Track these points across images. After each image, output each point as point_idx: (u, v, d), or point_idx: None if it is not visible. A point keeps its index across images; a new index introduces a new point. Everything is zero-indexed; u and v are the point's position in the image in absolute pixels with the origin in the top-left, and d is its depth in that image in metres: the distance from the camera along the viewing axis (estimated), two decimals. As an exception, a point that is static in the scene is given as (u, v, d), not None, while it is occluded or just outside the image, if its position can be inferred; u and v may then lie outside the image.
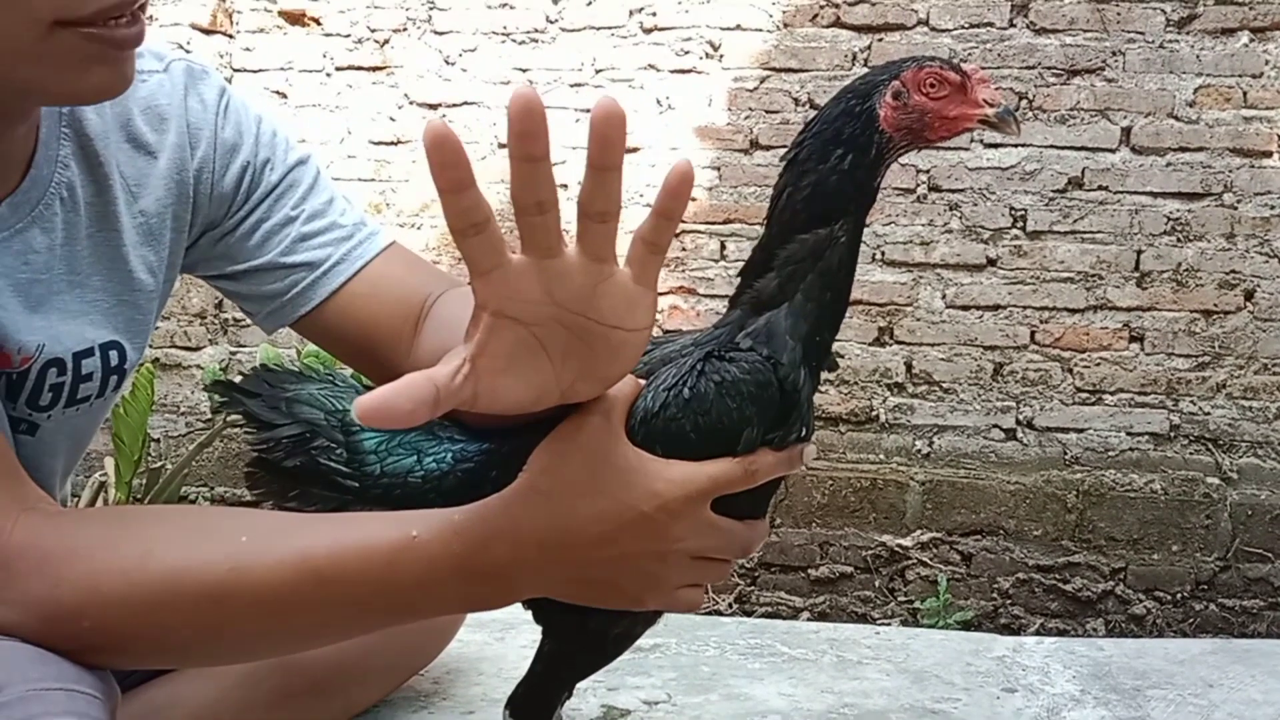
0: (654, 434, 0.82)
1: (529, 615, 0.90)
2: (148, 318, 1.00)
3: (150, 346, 3.60)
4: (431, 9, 3.39)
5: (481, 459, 0.88)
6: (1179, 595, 3.18)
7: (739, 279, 0.89)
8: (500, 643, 1.50)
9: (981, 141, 3.20)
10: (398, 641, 1.22)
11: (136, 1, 0.78)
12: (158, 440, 3.44)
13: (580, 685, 0.96)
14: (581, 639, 0.90)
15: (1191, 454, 3.19)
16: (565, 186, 3.33)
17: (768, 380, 0.82)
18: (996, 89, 0.86)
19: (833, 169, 0.84)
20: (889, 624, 3.11)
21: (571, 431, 0.80)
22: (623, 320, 0.71)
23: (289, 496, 0.88)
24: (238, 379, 0.93)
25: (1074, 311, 3.20)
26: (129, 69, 0.81)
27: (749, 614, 3.18)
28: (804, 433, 0.86)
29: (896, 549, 3.25)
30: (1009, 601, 3.23)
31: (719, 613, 3.05)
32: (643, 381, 0.85)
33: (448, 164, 0.63)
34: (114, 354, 0.96)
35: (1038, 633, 3.11)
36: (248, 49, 3.45)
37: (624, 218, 0.69)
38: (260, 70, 3.44)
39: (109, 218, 0.95)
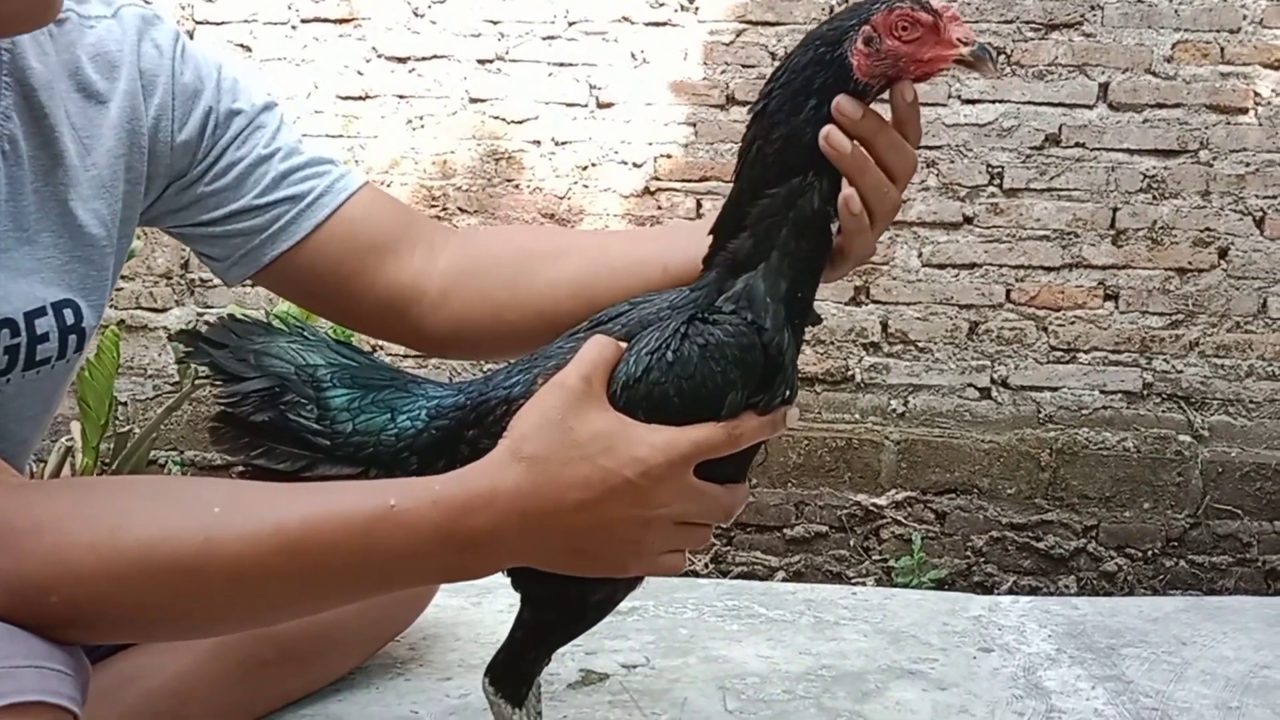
0: (636, 399, 0.80)
1: (507, 580, 0.89)
2: (104, 274, 0.97)
3: (115, 308, 3.53)
4: (400, -41, 3.31)
5: (457, 415, 0.86)
6: (1150, 552, 3.22)
7: (710, 237, 0.87)
8: (477, 607, 1.49)
9: (959, 98, 3.18)
10: (373, 608, 1.20)
11: None
12: (125, 404, 3.39)
13: (557, 650, 0.95)
14: (561, 606, 0.89)
15: (1164, 412, 3.21)
16: (538, 143, 3.28)
17: (752, 344, 0.81)
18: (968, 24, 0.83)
19: (805, 119, 0.82)
20: (863, 582, 3.14)
21: (552, 397, 0.79)
22: None
23: (255, 453, 0.85)
24: (204, 329, 0.90)
25: (1049, 270, 3.21)
26: None
27: (725, 574, 3.20)
28: (788, 395, 0.84)
29: (871, 508, 3.27)
30: (982, 559, 3.26)
31: (695, 574, 3.06)
32: (624, 345, 0.83)
33: None
34: (68, 312, 0.93)
35: (1010, 590, 3.14)
36: (210, 0, 3.36)
37: (596, 174, 0.68)
38: (223, 23, 3.36)
39: (56, 171, 0.92)
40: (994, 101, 3.17)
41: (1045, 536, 3.23)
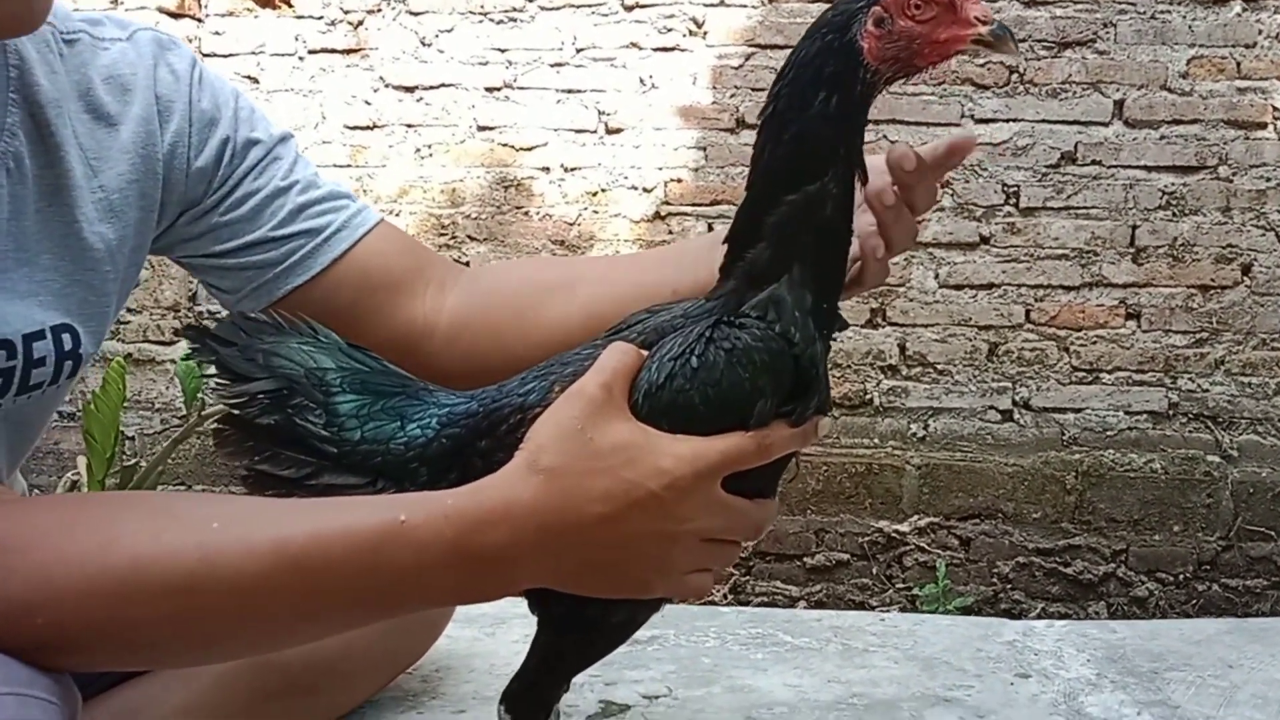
0: (659, 407, 0.76)
1: (522, 609, 0.85)
2: (104, 299, 0.94)
3: (121, 341, 3.50)
4: (407, -10, 3.31)
5: (469, 423, 0.82)
6: (1182, 576, 3.14)
7: (725, 244, 0.83)
8: (491, 638, 1.45)
9: (972, 117, 3.15)
10: (384, 637, 1.16)
11: None
12: (131, 438, 3.36)
13: (576, 680, 0.90)
14: (579, 627, 0.84)
15: (1191, 432, 3.15)
16: (547, 169, 3.26)
17: (781, 349, 0.77)
18: (989, 12, 0.79)
19: (817, 114, 0.77)
20: (888, 611, 3.07)
21: (570, 406, 0.75)
22: None
23: (259, 458, 0.81)
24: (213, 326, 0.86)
25: (1069, 289, 3.16)
26: (37, 3, 0.78)
27: (744, 604, 3.13)
28: (820, 405, 0.80)
29: (893, 535, 3.20)
30: (1009, 586, 3.18)
31: (714, 602, 2.99)
32: (644, 352, 0.78)
33: None
34: (66, 337, 0.90)
35: (1039, 617, 3.07)
36: (217, 33, 3.36)
37: (606, 199, 0.64)
38: (231, 54, 3.36)
39: (61, 191, 0.89)
40: (1008, 120, 3.14)
41: (1073, 561, 3.16)
